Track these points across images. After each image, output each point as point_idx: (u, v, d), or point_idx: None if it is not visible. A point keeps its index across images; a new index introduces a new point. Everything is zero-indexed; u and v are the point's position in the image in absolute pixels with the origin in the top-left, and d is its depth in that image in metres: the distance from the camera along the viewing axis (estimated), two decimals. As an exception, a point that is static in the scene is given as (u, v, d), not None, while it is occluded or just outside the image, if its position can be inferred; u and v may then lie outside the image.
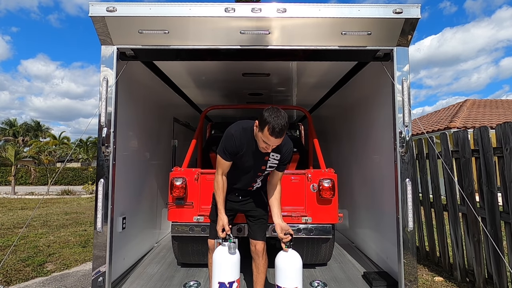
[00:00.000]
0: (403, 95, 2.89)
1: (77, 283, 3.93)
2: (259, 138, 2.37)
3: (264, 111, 2.32)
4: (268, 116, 2.26)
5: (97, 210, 2.77)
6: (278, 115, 2.27)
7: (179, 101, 5.34)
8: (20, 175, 25.58)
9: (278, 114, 2.28)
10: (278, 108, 2.33)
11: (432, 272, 4.23)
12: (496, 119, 14.38)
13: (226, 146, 2.51)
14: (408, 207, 2.84)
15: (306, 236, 3.32)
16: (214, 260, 2.53)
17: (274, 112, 2.28)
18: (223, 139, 2.54)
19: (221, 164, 2.57)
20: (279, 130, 2.25)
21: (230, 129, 2.54)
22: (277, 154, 2.58)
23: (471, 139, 3.66)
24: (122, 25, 2.85)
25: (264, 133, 2.28)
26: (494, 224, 3.31)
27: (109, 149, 2.87)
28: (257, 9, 2.74)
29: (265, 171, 2.66)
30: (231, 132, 2.52)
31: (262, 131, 2.30)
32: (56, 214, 9.42)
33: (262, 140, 2.35)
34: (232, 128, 2.55)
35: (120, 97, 3.07)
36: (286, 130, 2.32)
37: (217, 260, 2.50)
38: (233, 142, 2.49)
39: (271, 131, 2.25)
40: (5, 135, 33.81)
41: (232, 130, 2.53)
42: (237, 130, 2.52)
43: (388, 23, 2.82)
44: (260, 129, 2.33)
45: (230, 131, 2.53)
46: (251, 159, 2.57)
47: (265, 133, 2.28)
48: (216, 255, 2.53)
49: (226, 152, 2.52)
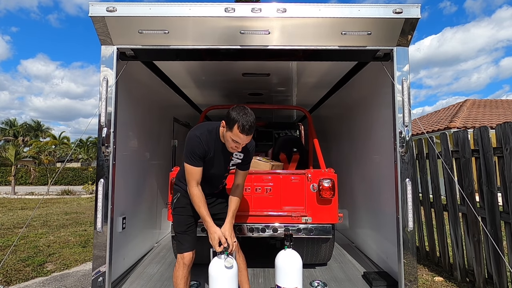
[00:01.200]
0: (403, 95, 2.89)
1: (77, 283, 3.93)
2: (228, 138, 2.34)
3: (230, 111, 2.32)
4: (236, 114, 2.27)
5: (97, 210, 2.77)
6: (246, 113, 2.29)
7: (179, 101, 5.34)
8: (20, 175, 25.58)
9: (246, 111, 2.30)
10: (244, 107, 2.35)
11: (432, 272, 4.23)
12: (496, 119, 14.38)
13: (195, 151, 2.40)
14: (408, 207, 2.84)
15: (306, 236, 3.32)
16: (210, 275, 2.43)
17: (242, 110, 2.30)
18: (188, 145, 2.42)
19: (193, 173, 2.43)
20: (248, 127, 2.27)
21: (195, 132, 2.45)
22: (241, 153, 2.59)
23: (471, 139, 3.66)
24: (122, 25, 2.85)
25: (234, 131, 2.28)
26: (494, 224, 3.31)
27: (109, 149, 2.87)
28: (257, 9, 2.74)
29: (229, 170, 2.67)
30: (197, 135, 2.42)
31: (232, 130, 2.29)
32: (56, 214, 9.42)
33: (231, 140, 2.33)
34: (197, 131, 2.46)
35: (120, 97, 3.07)
36: (255, 127, 2.33)
37: (214, 276, 2.40)
38: (201, 145, 2.41)
39: (241, 129, 2.26)
40: (5, 135, 33.81)
41: (197, 133, 2.44)
42: (202, 132, 2.45)
43: (388, 23, 2.82)
44: (228, 128, 2.31)
45: (195, 134, 2.43)
46: (218, 161, 2.54)
47: (235, 132, 2.27)
48: (212, 270, 2.42)
49: (195, 158, 2.41)
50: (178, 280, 2.55)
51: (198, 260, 3.59)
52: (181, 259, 2.57)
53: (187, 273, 2.58)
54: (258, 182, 3.36)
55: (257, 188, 3.35)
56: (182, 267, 2.56)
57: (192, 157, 2.41)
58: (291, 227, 3.29)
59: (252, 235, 3.30)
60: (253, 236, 3.31)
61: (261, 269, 3.64)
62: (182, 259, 2.57)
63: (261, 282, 3.29)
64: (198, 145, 2.41)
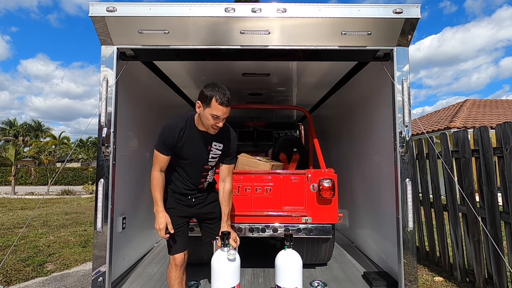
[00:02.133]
0: (403, 95, 2.89)
1: (77, 283, 3.93)
2: (207, 115, 2.35)
3: (203, 89, 2.36)
4: (211, 90, 2.33)
5: (97, 210, 2.77)
6: (220, 86, 2.35)
7: (179, 101, 5.34)
8: (20, 175, 25.59)
9: (219, 85, 2.37)
10: (215, 83, 2.40)
11: (432, 272, 4.23)
12: (496, 119, 14.38)
13: (164, 138, 2.44)
14: (408, 207, 2.84)
15: (306, 236, 3.32)
16: (213, 268, 2.44)
17: (215, 85, 2.36)
18: (160, 132, 2.47)
19: (159, 159, 2.49)
20: (227, 98, 2.33)
21: (168, 121, 2.51)
22: (220, 143, 2.58)
23: (471, 139, 3.66)
24: (122, 25, 2.85)
25: (212, 105, 2.30)
26: (494, 224, 3.31)
27: (109, 149, 2.87)
28: (257, 9, 2.74)
29: (209, 162, 2.62)
30: (169, 123, 2.48)
31: (210, 105, 2.31)
32: (56, 214, 9.42)
33: (211, 116, 2.34)
34: (171, 120, 2.51)
35: (120, 97, 3.07)
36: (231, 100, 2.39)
37: (216, 268, 2.42)
38: (171, 132, 2.45)
39: (220, 101, 2.30)
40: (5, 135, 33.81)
41: (170, 121, 2.50)
42: (175, 120, 2.50)
43: (388, 23, 2.82)
44: (206, 105, 2.34)
45: (167, 122, 2.49)
46: (193, 149, 2.52)
47: (214, 106, 2.30)
48: (215, 263, 2.44)
49: (164, 145, 2.45)
50: (172, 281, 2.56)
51: (197, 260, 3.60)
52: (173, 261, 2.57)
53: (180, 273, 2.58)
54: (258, 182, 3.36)
55: (257, 188, 3.35)
56: (174, 269, 2.56)
57: (160, 144, 2.46)
58: (291, 227, 3.29)
59: (252, 235, 3.30)
60: (253, 236, 3.31)
61: (261, 269, 3.64)
62: (174, 261, 2.56)
63: (261, 282, 3.30)
64: (168, 133, 2.45)
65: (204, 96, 2.33)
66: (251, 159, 3.62)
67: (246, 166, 3.58)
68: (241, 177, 3.35)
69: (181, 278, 2.58)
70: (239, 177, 3.34)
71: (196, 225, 2.99)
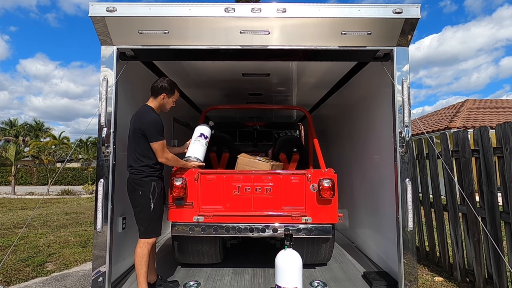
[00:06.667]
0: (403, 95, 2.89)
1: (77, 283, 3.93)
2: (170, 102, 3.07)
3: (164, 83, 2.97)
4: (170, 82, 3.02)
5: (97, 210, 2.77)
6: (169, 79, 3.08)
7: (179, 101, 5.31)
8: (20, 175, 25.59)
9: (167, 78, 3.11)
10: (163, 77, 3.08)
11: (432, 272, 4.23)
12: (496, 119, 14.38)
13: (161, 127, 2.89)
14: (408, 207, 2.84)
15: (306, 236, 3.32)
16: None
17: (164, 79, 3.04)
18: (156, 124, 2.85)
19: (165, 144, 2.93)
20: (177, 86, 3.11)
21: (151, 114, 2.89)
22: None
23: (471, 139, 3.66)
24: (122, 25, 2.85)
25: (176, 94, 3.07)
26: (494, 224, 3.31)
27: (109, 149, 2.87)
28: (257, 9, 2.74)
29: None
30: (154, 115, 2.91)
31: (174, 94, 3.06)
32: (56, 214, 9.42)
33: (173, 102, 3.09)
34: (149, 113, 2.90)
35: (120, 97, 3.07)
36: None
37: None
38: (162, 123, 2.92)
39: (178, 89, 3.10)
40: (5, 135, 33.81)
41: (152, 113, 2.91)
42: (152, 112, 2.94)
43: (388, 23, 2.82)
44: (171, 94, 3.03)
45: (152, 115, 2.89)
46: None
47: (176, 93, 3.07)
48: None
49: (162, 132, 2.91)
50: (146, 258, 2.84)
51: (197, 260, 3.60)
52: (150, 242, 2.89)
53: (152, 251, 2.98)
54: (258, 182, 3.36)
55: (257, 188, 3.35)
56: (148, 247, 2.87)
57: (161, 132, 2.88)
58: (291, 227, 3.28)
59: (252, 235, 3.30)
60: (253, 236, 3.31)
61: (261, 269, 3.64)
62: (152, 242, 2.91)
63: (261, 282, 3.30)
64: (161, 122, 2.91)
65: (169, 88, 2.99)
66: (251, 159, 3.61)
67: (246, 166, 3.57)
68: (241, 177, 3.35)
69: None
70: (239, 177, 3.34)
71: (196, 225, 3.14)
